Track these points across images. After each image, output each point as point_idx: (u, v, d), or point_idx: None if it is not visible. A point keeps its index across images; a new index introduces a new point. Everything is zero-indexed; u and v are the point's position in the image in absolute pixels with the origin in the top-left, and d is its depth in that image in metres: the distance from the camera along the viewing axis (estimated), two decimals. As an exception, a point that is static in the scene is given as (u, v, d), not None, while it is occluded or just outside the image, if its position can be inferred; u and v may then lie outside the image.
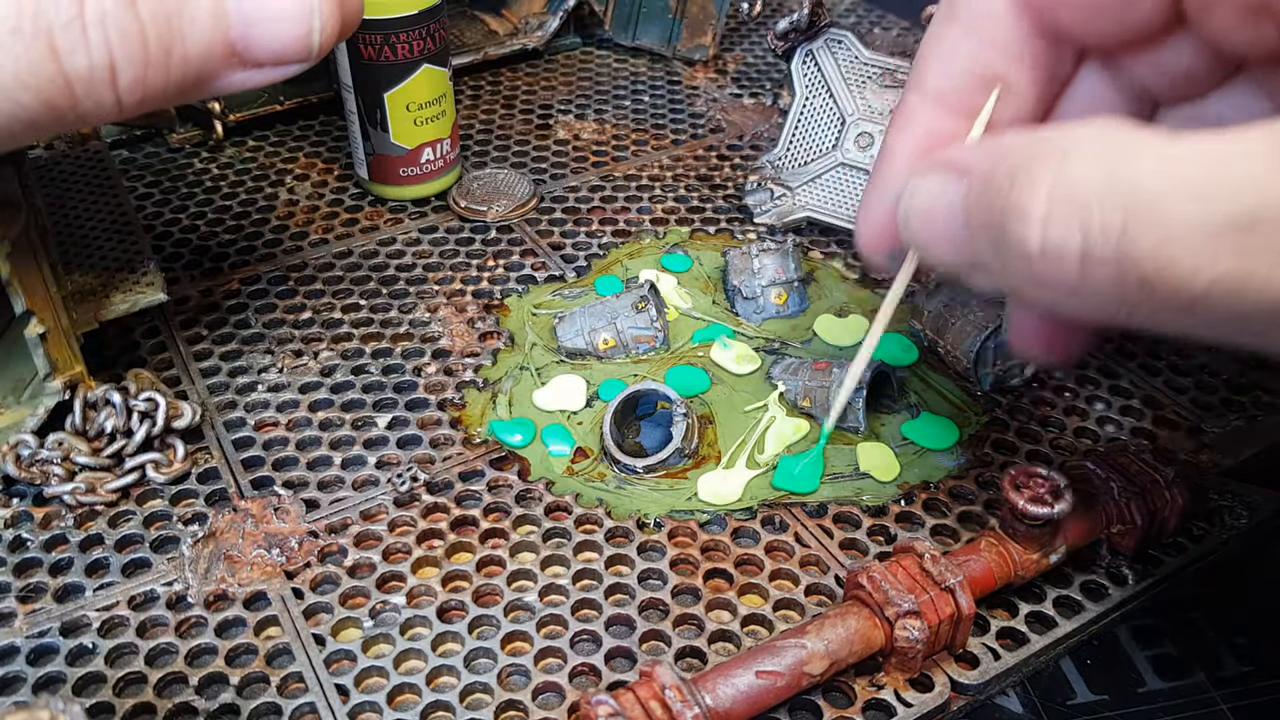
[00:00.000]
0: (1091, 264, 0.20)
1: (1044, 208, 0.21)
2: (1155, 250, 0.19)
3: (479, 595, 0.37)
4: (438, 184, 0.57)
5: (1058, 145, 0.21)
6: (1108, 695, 0.36)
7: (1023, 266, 0.21)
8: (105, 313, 0.43)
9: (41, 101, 0.27)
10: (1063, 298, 0.21)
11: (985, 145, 0.23)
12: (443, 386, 0.46)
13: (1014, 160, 0.22)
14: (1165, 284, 0.19)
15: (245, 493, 0.41)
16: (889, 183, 0.28)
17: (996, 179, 0.22)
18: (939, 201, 0.24)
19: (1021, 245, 0.21)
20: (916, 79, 0.28)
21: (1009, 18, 0.26)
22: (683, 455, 0.42)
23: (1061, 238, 0.20)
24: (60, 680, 0.34)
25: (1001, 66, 0.27)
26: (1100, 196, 0.20)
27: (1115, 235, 0.20)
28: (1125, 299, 0.20)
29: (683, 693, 0.30)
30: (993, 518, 0.40)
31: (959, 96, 0.27)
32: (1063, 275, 0.21)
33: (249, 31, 0.29)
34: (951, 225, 0.24)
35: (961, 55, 0.27)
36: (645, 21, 0.72)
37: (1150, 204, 0.19)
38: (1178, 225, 0.19)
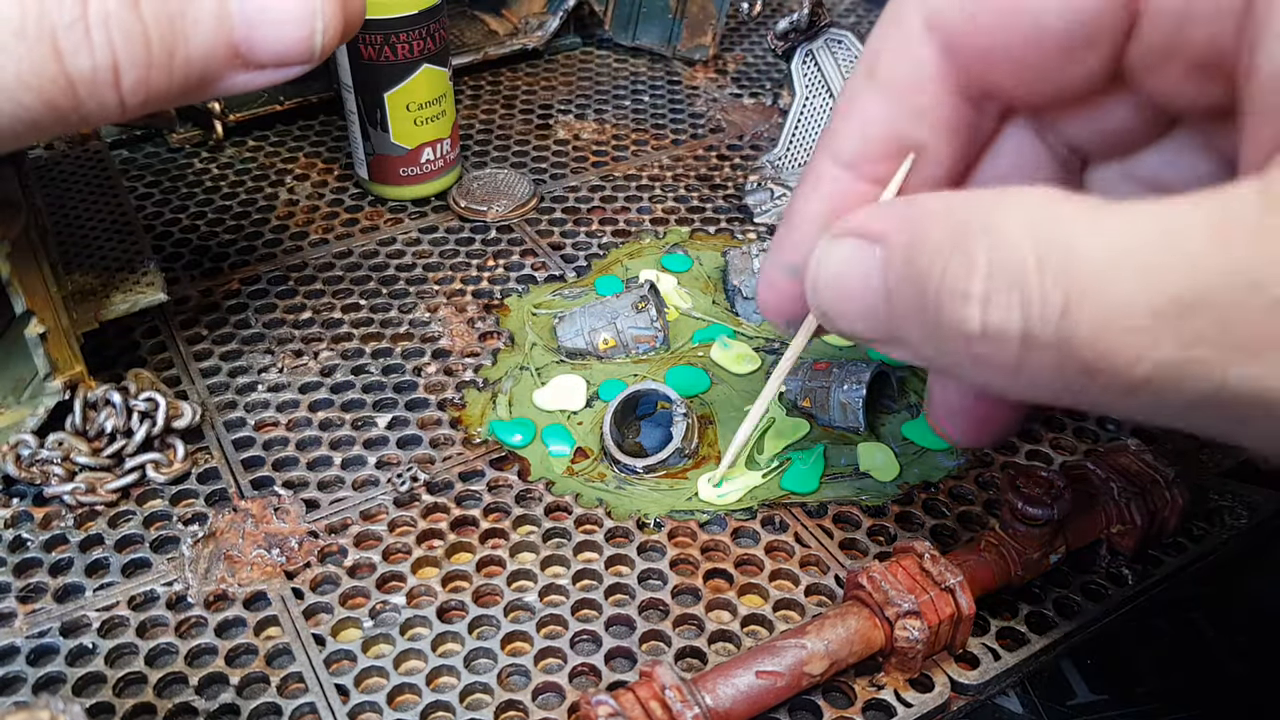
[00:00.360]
0: (1032, 347, 0.19)
1: (983, 287, 0.19)
2: (1095, 335, 0.18)
3: (479, 595, 0.37)
4: (438, 184, 0.57)
5: (988, 218, 0.20)
6: (1108, 695, 0.36)
7: (960, 346, 0.20)
8: (105, 313, 0.43)
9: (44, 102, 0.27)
10: (1000, 379, 0.20)
11: (899, 211, 0.22)
12: (443, 386, 0.46)
13: (939, 234, 0.20)
14: (1106, 369, 0.18)
15: (245, 493, 0.41)
16: (793, 248, 0.27)
17: (923, 254, 0.21)
18: (852, 270, 0.23)
19: (960, 326, 0.20)
20: (828, 142, 0.26)
21: (933, 82, 0.24)
22: (683, 455, 0.42)
23: (1002, 320, 0.19)
24: (60, 680, 0.34)
25: (921, 134, 0.25)
26: (1039, 276, 0.19)
27: (1055, 317, 0.18)
28: (1066, 384, 0.19)
29: (683, 693, 0.30)
30: (993, 518, 0.40)
31: (872, 164, 0.26)
32: (1003, 358, 0.20)
33: (252, 33, 0.29)
34: (868, 297, 0.22)
35: (878, 121, 0.25)
36: (645, 21, 0.72)
37: (1090, 284, 0.18)
38: (1118, 307, 0.18)
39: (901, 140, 0.25)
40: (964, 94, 0.24)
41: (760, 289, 0.28)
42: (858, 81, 0.25)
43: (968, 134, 0.26)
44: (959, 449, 0.42)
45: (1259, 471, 0.42)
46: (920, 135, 0.25)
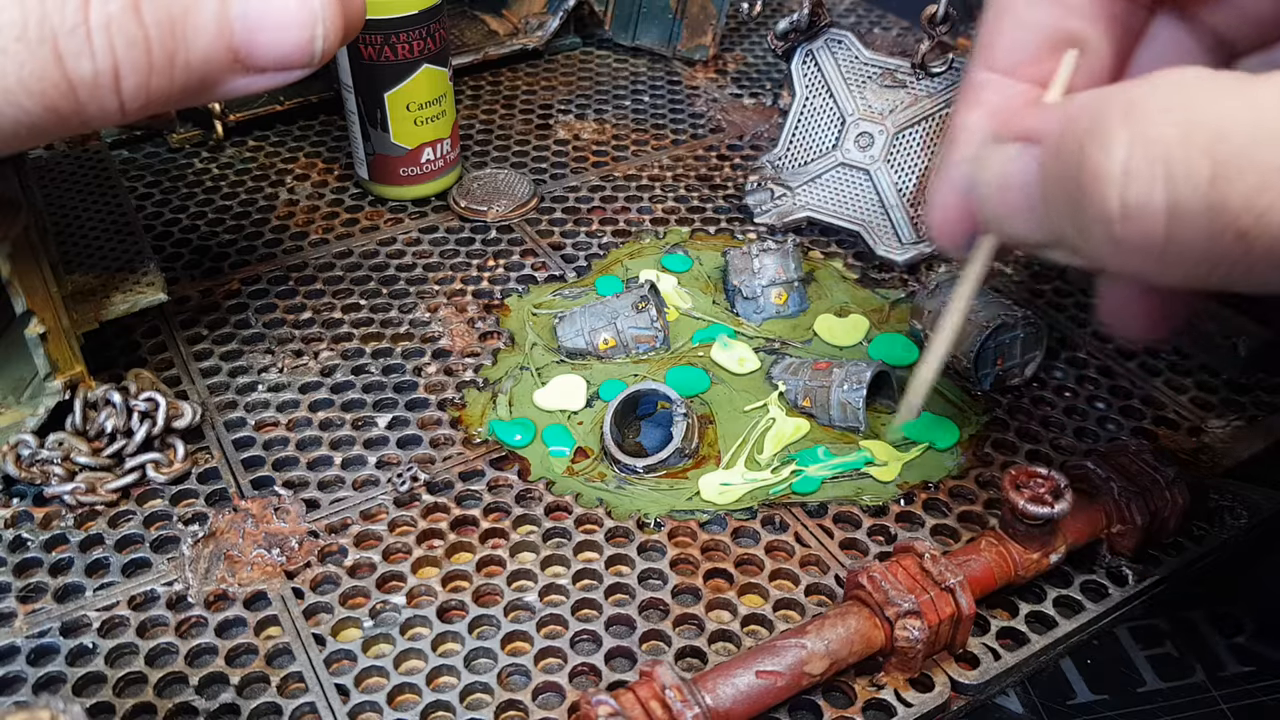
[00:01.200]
0: (1180, 219, 0.19)
1: (1121, 164, 0.19)
2: (1251, 197, 0.18)
3: (479, 595, 0.37)
4: (438, 184, 0.57)
5: (1129, 97, 0.20)
6: (1108, 695, 0.36)
7: (1103, 231, 0.20)
8: (105, 313, 0.43)
9: (45, 106, 0.27)
10: (1149, 263, 0.20)
11: (1056, 108, 0.22)
12: (443, 386, 0.46)
13: (1086, 120, 0.20)
14: (1265, 233, 0.18)
15: (245, 493, 0.41)
16: (960, 160, 0.26)
17: (1069, 142, 0.21)
18: (1012, 172, 0.23)
19: (1101, 207, 0.20)
20: (984, 50, 0.26)
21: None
22: (683, 455, 0.42)
23: (1144, 194, 0.19)
24: (60, 680, 0.34)
25: (1076, 28, 0.25)
26: (1182, 146, 0.18)
27: (1204, 185, 0.18)
28: (1220, 255, 0.19)
29: (683, 693, 0.30)
30: (993, 518, 0.40)
31: (1032, 65, 0.26)
32: (1148, 236, 0.19)
33: (252, 38, 0.29)
34: (1028, 196, 0.22)
35: (1034, 21, 0.25)
36: (645, 21, 0.72)
37: (1239, 150, 0.18)
38: (1272, 170, 0.18)
39: (1059, 36, 0.25)
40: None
41: (931, 211, 0.27)
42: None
43: (1121, 26, 0.26)
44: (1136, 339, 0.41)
45: (1259, 471, 0.42)
46: (1075, 29, 0.25)
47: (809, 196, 0.55)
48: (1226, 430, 0.44)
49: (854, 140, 0.54)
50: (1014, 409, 0.45)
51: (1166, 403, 0.45)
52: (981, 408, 0.45)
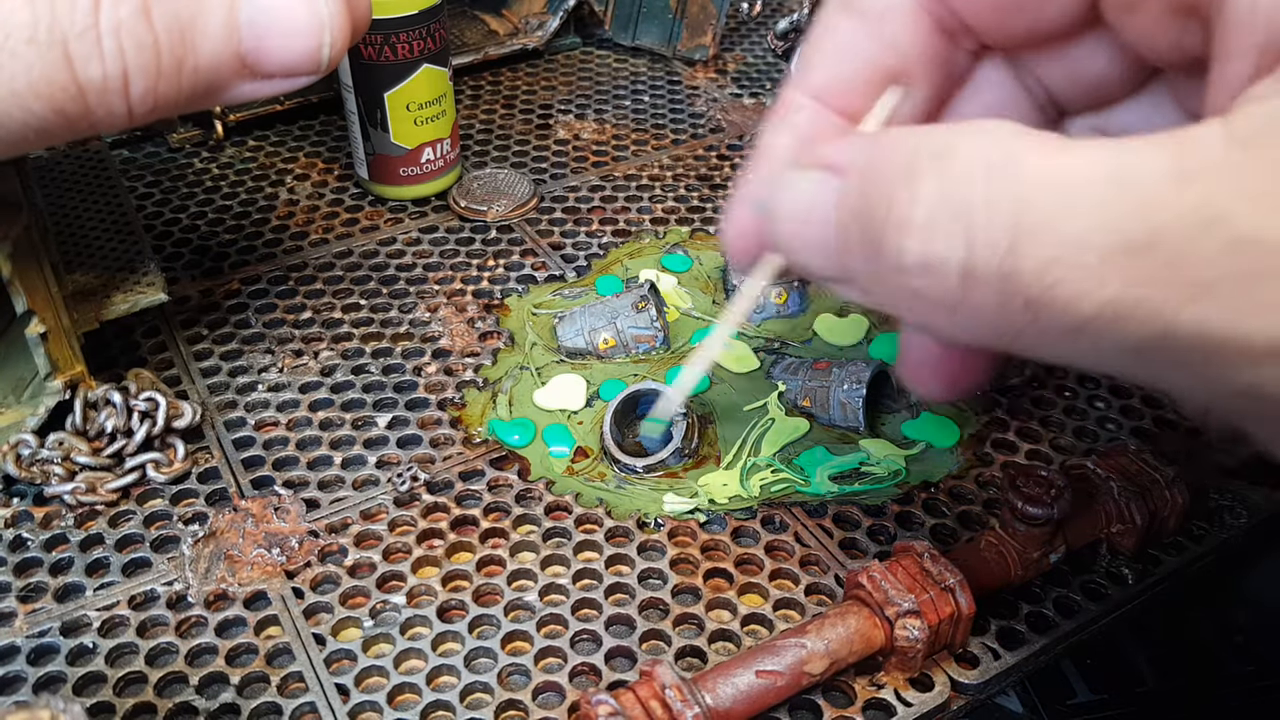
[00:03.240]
0: (974, 281, 0.18)
1: (926, 215, 0.19)
2: (1042, 270, 0.17)
3: (479, 595, 0.37)
4: (438, 184, 0.57)
5: (941, 145, 0.19)
6: (1107, 695, 0.36)
7: (899, 280, 0.19)
8: (105, 313, 0.43)
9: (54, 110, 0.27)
10: (941, 318, 0.19)
11: (865, 141, 0.21)
12: (443, 386, 0.46)
13: (894, 160, 0.20)
14: (1049, 307, 0.18)
15: (245, 492, 0.41)
16: (760, 182, 0.26)
17: (874, 181, 0.20)
18: (810, 201, 0.22)
19: (899, 256, 0.19)
20: (802, 74, 0.25)
21: (908, 13, 0.24)
22: (683, 455, 0.42)
23: (943, 251, 0.18)
24: (60, 680, 0.34)
25: (899, 65, 0.24)
26: (986, 207, 0.18)
27: (1001, 251, 0.18)
28: (1008, 321, 0.18)
29: (683, 692, 0.30)
30: (993, 518, 0.40)
31: (848, 97, 0.25)
32: (942, 292, 0.19)
33: (260, 44, 0.29)
34: (822, 230, 0.21)
35: (856, 53, 0.24)
36: (645, 21, 0.72)
37: (1040, 219, 0.17)
38: (1067, 244, 0.17)
39: (881, 71, 0.24)
40: (940, 26, 0.24)
41: (726, 228, 0.26)
42: (833, 10, 0.24)
43: (944, 68, 0.25)
44: (928, 399, 0.41)
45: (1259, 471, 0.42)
46: (896, 66, 0.24)
47: (809, 196, 0.55)
48: (1226, 430, 0.44)
49: (854, 140, 0.54)
50: (1014, 409, 0.45)
51: (1166, 403, 0.45)
52: (981, 408, 0.45)
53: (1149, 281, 0.17)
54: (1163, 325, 0.17)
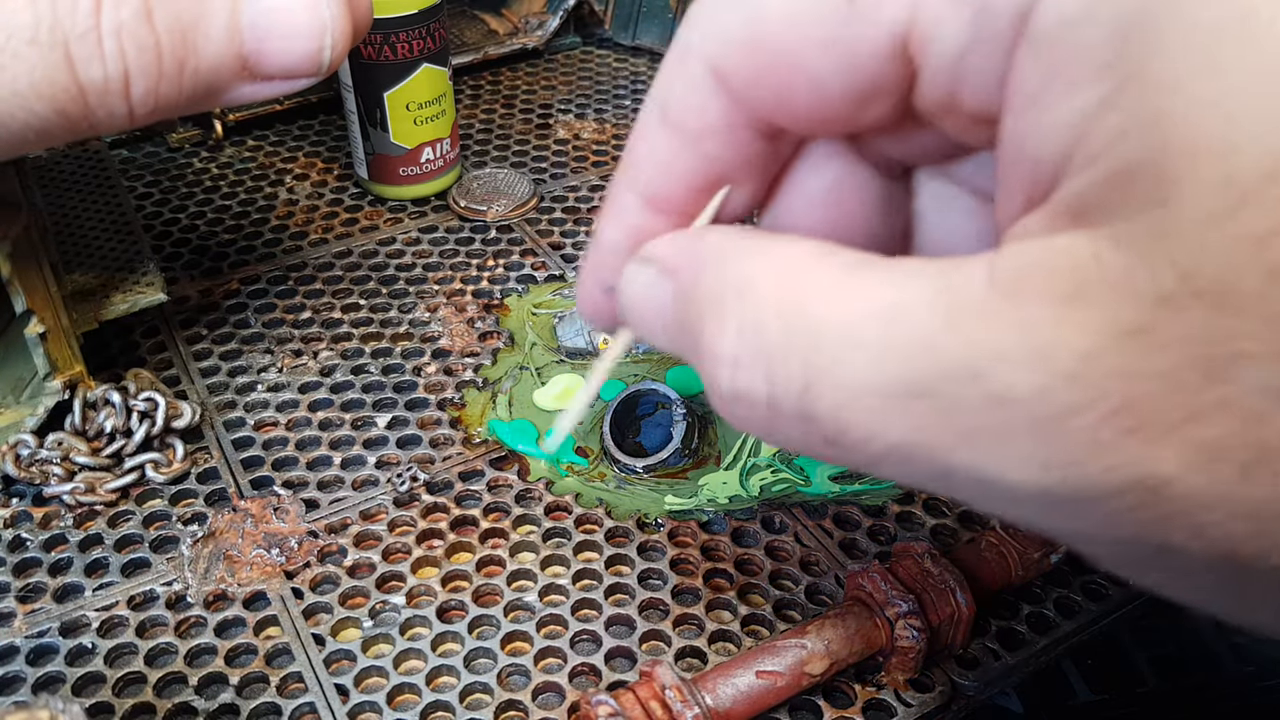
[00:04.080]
0: (778, 415, 0.19)
1: (731, 352, 0.20)
2: (833, 412, 0.18)
3: (479, 595, 0.37)
4: (438, 184, 0.57)
5: (743, 280, 0.20)
6: (1108, 695, 0.36)
7: (715, 400, 0.20)
8: (105, 313, 0.43)
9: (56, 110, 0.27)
10: (760, 433, 0.20)
11: (688, 246, 0.22)
12: (442, 386, 0.46)
13: (706, 284, 0.21)
14: (845, 445, 0.18)
15: (245, 493, 0.41)
16: (600, 268, 0.27)
17: (693, 302, 0.21)
18: (650, 295, 0.23)
19: (712, 382, 0.20)
20: (629, 175, 0.26)
21: (724, 127, 0.24)
22: (683, 455, 0.42)
23: (747, 386, 0.19)
24: (60, 680, 0.34)
25: (717, 173, 0.25)
26: (783, 347, 0.19)
27: (797, 391, 0.18)
28: (816, 450, 0.19)
29: (683, 693, 0.30)
30: (993, 517, 0.40)
31: (674, 203, 0.25)
32: (753, 418, 0.20)
33: (261, 46, 0.29)
34: (664, 321, 0.23)
35: (673, 163, 0.25)
36: (645, 21, 0.72)
37: (828, 360, 0.18)
38: (852, 387, 0.18)
39: (698, 180, 0.25)
40: (758, 132, 0.24)
41: (579, 302, 0.28)
42: (651, 121, 0.24)
43: (768, 163, 0.25)
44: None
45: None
46: (717, 174, 0.25)
47: (809, 196, 0.55)
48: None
49: (854, 140, 0.54)
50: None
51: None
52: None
53: (926, 427, 0.17)
54: (943, 466, 0.17)
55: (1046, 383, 0.16)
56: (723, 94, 0.23)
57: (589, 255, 0.27)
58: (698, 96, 0.23)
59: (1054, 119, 0.17)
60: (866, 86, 0.21)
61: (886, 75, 0.21)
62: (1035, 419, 0.16)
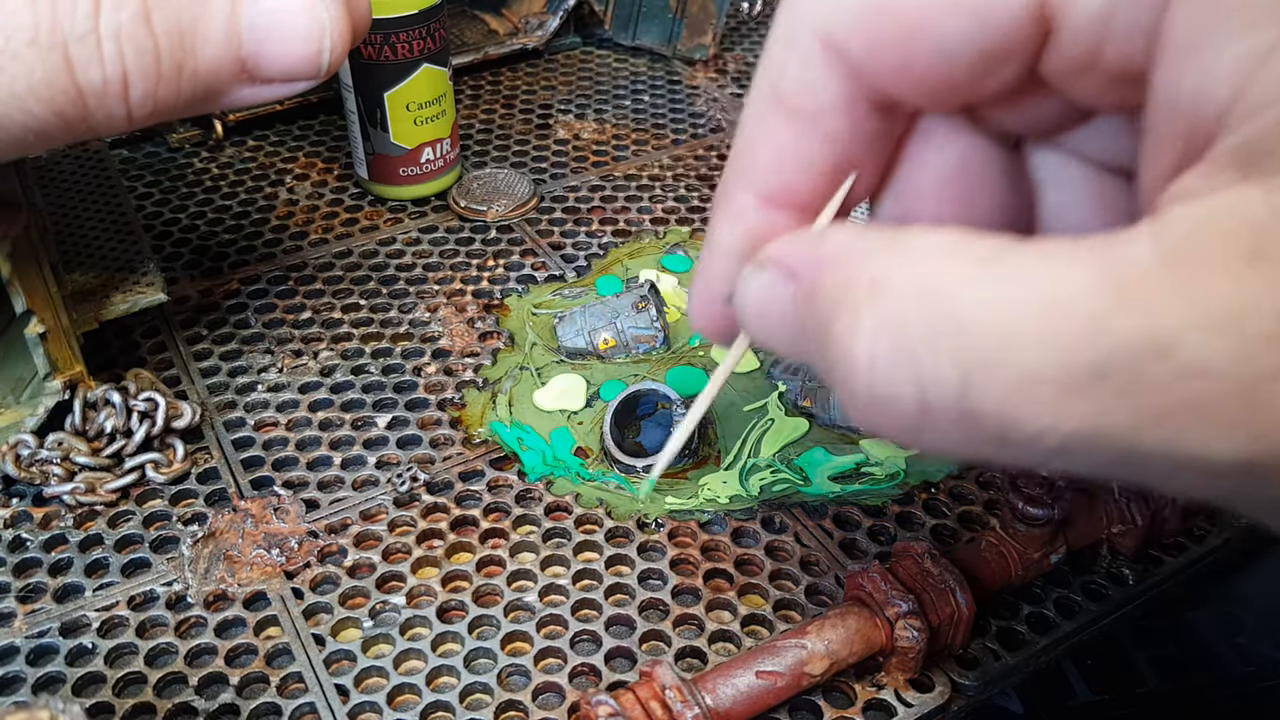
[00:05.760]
0: (932, 417, 0.18)
1: (868, 354, 0.18)
2: (1000, 409, 0.17)
3: (479, 595, 0.37)
4: (438, 184, 0.57)
5: (875, 273, 0.18)
6: (1108, 695, 0.36)
7: (853, 407, 0.19)
8: (105, 313, 0.43)
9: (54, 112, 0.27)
10: (906, 439, 0.19)
11: (808, 247, 0.21)
12: (442, 386, 0.46)
13: (831, 283, 0.19)
14: (1015, 440, 0.17)
15: (245, 493, 0.41)
16: (715, 275, 0.26)
17: (819, 303, 0.20)
18: (770, 300, 0.22)
19: (848, 387, 0.19)
20: (742, 172, 0.25)
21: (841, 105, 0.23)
22: (683, 455, 0.42)
23: (892, 390, 0.18)
24: (60, 680, 0.34)
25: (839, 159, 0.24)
26: (929, 344, 0.17)
27: (953, 390, 0.17)
28: (977, 449, 0.18)
29: (683, 693, 0.30)
30: (993, 518, 0.40)
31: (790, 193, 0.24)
32: (900, 422, 0.18)
33: (260, 49, 0.29)
34: (786, 327, 0.22)
35: (795, 153, 0.24)
36: (645, 21, 0.72)
37: (987, 355, 0.17)
38: (1020, 380, 0.17)
39: (815, 167, 0.24)
40: (875, 107, 0.23)
41: (692, 315, 0.27)
42: (763, 108, 0.24)
43: (884, 142, 0.24)
44: None
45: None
46: (836, 159, 0.24)
47: (809, 196, 0.55)
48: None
49: (854, 140, 0.54)
50: (1014, 409, 0.45)
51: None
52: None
53: (1108, 411, 0.16)
54: (1129, 448, 0.16)
55: (1244, 348, 0.15)
56: (839, 68, 0.22)
57: (702, 263, 0.26)
58: (813, 73, 0.22)
59: (1217, 66, 0.16)
60: (996, 50, 0.20)
61: (1019, 37, 0.20)
62: (1238, 387, 0.15)
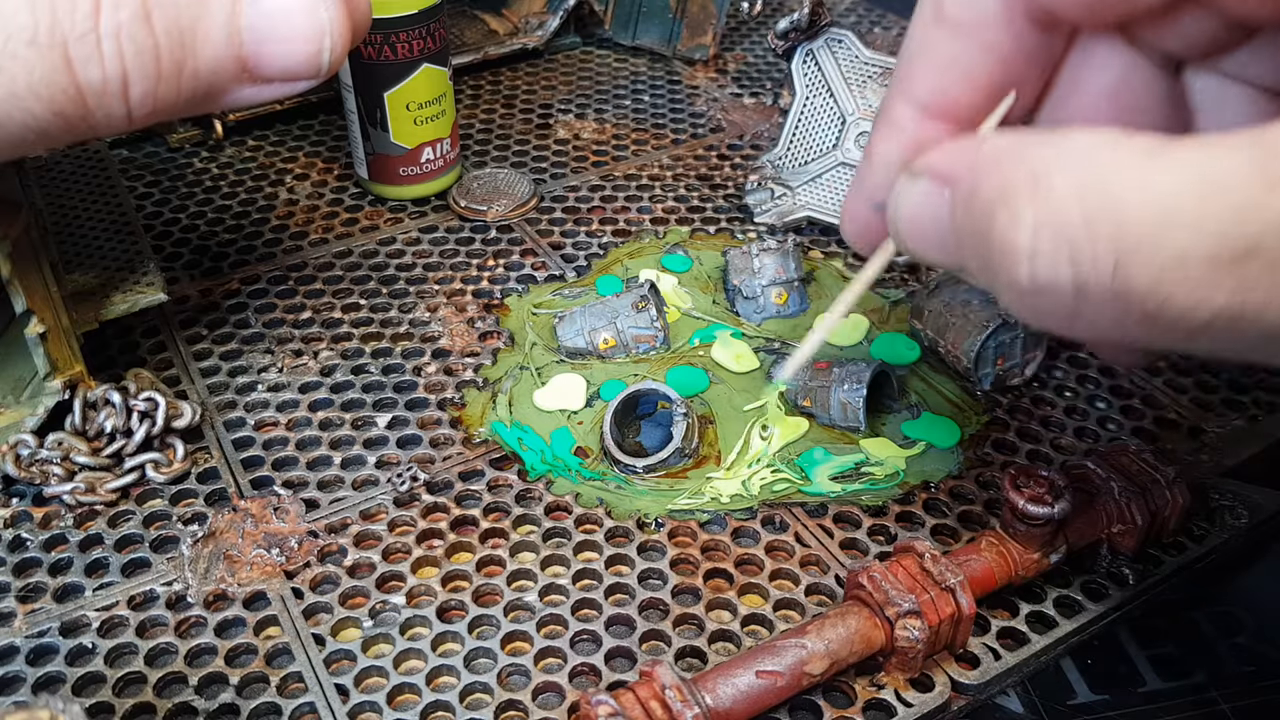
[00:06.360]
0: (1087, 298, 0.19)
1: (1029, 243, 0.20)
2: (1151, 287, 0.18)
3: (479, 595, 0.37)
4: (438, 183, 0.57)
5: (1036, 168, 0.20)
6: (1108, 695, 0.36)
7: (1013, 296, 0.21)
8: (105, 313, 0.43)
9: (54, 112, 0.27)
10: (1059, 326, 0.21)
11: (967, 151, 0.22)
12: (442, 386, 0.46)
13: (993, 182, 0.21)
14: (1166, 318, 0.19)
15: (245, 492, 0.41)
16: (872, 186, 0.27)
17: (979, 201, 0.21)
18: (925, 208, 0.23)
19: (1010, 277, 0.20)
20: (904, 85, 0.26)
21: (1005, 17, 0.24)
22: (683, 455, 0.42)
23: (1051, 274, 0.20)
24: (60, 680, 0.34)
25: (999, 72, 0.25)
26: (1087, 230, 0.19)
27: (1108, 271, 0.19)
28: (1127, 329, 0.20)
29: (683, 692, 0.30)
30: (993, 518, 0.40)
31: (950, 106, 0.26)
32: (1057, 308, 0.20)
33: (260, 49, 0.29)
34: (940, 233, 0.23)
35: (955, 63, 0.25)
36: (645, 21, 0.72)
37: (1141, 238, 0.18)
38: (1172, 259, 0.18)
39: (977, 80, 0.25)
40: (1034, 21, 0.24)
41: (844, 221, 0.29)
42: (925, 23, 0.25)
43: (1042, 58, 0.25)
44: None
45: (1259, 471, 0.42)
46: (1000, 73, 0.25)
47: (809, 196, 0.55)
48: (1226, 430, 0.44)
49: (854, 140, 0.54)
50: (1014, 409, 0.45)
51: (1166, 403, 0.45)
52: (981, 408, 0.45)
53: (1256, 287, 0.18)
54: (1273, 323, 0.18)
55: None
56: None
57: (859, 172, 0.28)
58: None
59: None
60: None
61: None
62: None
